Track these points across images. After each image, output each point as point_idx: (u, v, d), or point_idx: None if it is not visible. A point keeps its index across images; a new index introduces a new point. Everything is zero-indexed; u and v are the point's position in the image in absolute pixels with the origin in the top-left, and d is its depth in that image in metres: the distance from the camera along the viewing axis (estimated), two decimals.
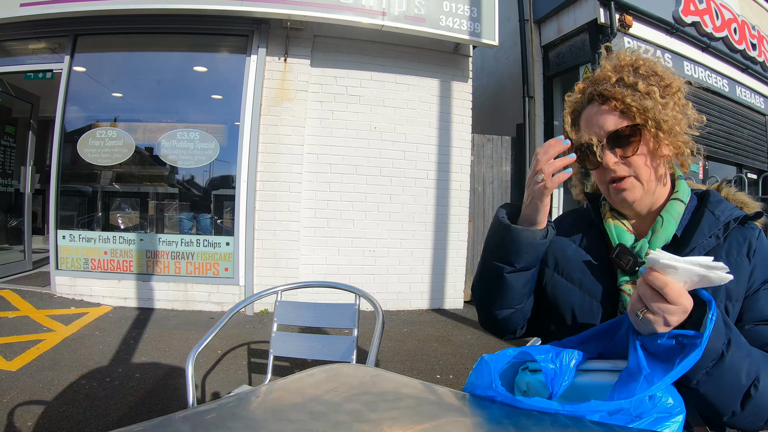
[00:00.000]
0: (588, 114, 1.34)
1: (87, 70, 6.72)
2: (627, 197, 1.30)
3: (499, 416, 0.97)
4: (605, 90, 1.28)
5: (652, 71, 1.29)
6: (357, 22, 6.27)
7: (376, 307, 2.59)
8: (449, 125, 7.19)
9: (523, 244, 1.30)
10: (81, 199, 6.80)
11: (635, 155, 1.27)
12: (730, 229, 1.26)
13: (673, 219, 1.30)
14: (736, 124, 9.39)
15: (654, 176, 1.30)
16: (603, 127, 1.28)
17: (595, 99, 1.32)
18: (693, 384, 1.04)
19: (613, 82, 1.28)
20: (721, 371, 1.02)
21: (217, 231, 6.72)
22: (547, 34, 8.38)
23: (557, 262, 1.47)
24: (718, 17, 8.59)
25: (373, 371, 1.24)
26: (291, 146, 6.61)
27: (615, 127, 1.27)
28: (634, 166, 1.28)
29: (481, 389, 1.08)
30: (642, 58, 1.32)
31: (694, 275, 0.96)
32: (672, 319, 0.98)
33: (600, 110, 1.30)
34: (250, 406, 0.99)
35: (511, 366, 1.19)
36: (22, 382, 3.99)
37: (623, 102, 1.25)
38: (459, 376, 4.65)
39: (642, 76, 1.28)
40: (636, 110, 1.24)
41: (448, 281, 7.26)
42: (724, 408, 1.06)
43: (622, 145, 1.27)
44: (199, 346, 2.41)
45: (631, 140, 1.26)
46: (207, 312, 6.32)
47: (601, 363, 1.11)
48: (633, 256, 1.30)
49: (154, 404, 3.79)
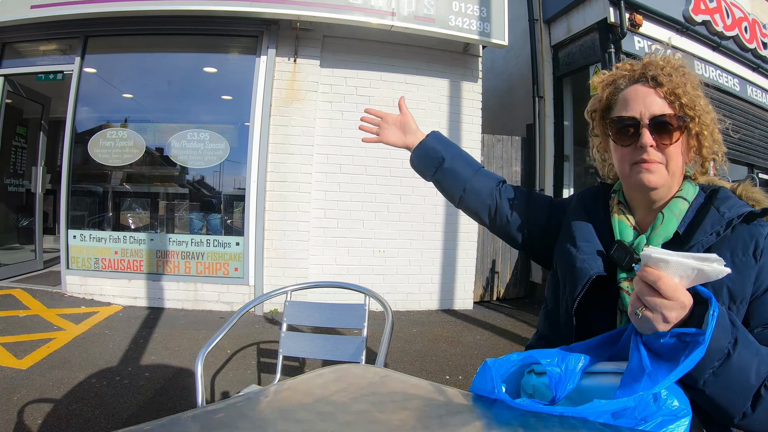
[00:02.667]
0: (634, 91, 1.33)
1: (97, 71, 6.77)
2: (650, 180, 1.28)
3: (507, 417, 0.97)
4: (659, 75, 1.28)
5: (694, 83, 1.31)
6: (366, 22, 6.27)
7: (386, 308, 2.58)
8: (459, 125, 7.17)
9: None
10: (92, 199, 6.85)
11: (672, 145, 1.27)
12: (734, 225, 1.23)
13: (674, 216, 1.29)
14: (747, 124, 9.30)
15: (679, 171, 1.30)
16: (649, 108, 1.27)
17: (647, 79, 1.31)
18: (700, 384, 1.01)
19: (667, 71, 1.28)
20: (728, 371, 1.00)
21: (227, 231, 6.74)
22: (557, 33, 8.35)
23: (569, 230, 1.50)
24: (728, 16, 8.52)
25: (381, 372, 1.23)
26: (301, 146, 6.62)
27: (661, 111, 1.27)
28: (668, 155, 1.27)
29: (483, 393, 1.07)
30: (687, 66, 1.34)
31: (688, 269, 0.96)
32: (670, 315, 0.97)
33: (649, 92, 1.29)
34: (258, 406, 0.99)
35: (518, 368, 1.18)
36: (32, 381, 4.01)
37: (674, 92, 1.26)
38: (468, 377, 4.64)
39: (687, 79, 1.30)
40: (686, 103, 1.26)
41: (458, 282, 7.24)
42: (734, 409, 1.04)
43: (663, 131, 1.27)
44: (209, 345, 2.41)
45: (673, 130, 1.26)
46: (217, 312, 6.35)
47: (608, 365, 1.09)
48: (629, 252, 1.29)
49: (163, 403, 3.80)
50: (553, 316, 1.50)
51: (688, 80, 1.28)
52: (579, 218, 1.49)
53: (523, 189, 1.75)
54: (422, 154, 1.79)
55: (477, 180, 1.72)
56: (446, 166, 1.73)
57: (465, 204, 1.75)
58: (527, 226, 1.67)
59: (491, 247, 7.85)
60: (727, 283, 1.14)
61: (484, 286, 7.82)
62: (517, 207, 1.68)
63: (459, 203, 1.77)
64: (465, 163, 1.75)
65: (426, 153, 1.79)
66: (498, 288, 7.95)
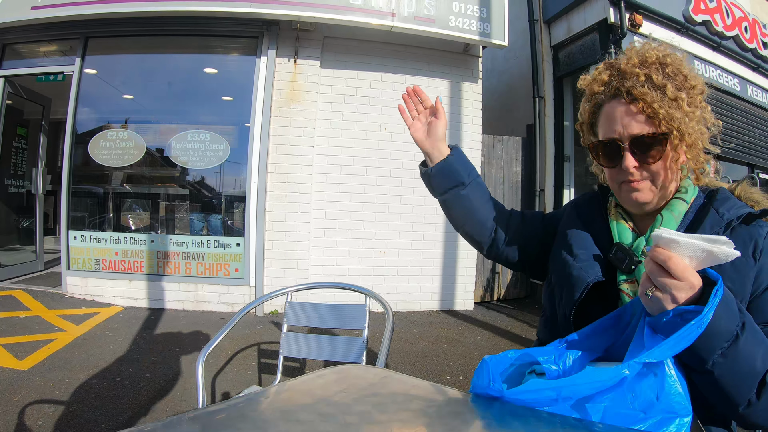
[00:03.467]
0: (611, 110, 1.30)
1: (98, 72, 6.78)
2: (639, 198, 1.29)
3: (508, 418, 0.97)
4: (634, 89, 1.24)
5: (679, 71, 1.27)
6: (366, 23, 6.28)
7: (386, 308, 2.58)
8: (459, 126, 7.18)
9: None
10: (92, 200, 6.85)
11: (655, 162, 1.25)
12: (734, 226, 1.23)
13: (673, 218, 1.29)
14: (747, 124, 9.31)
15: (669, 180, 1.29)
16: (627, 128, 1.26)
17: (622, 95, 1.27)
18: (708, 365, 1.01)
19: (642, 80, 1.24)
20: (736, 353, 1.00)
21: (228, 232, 6.75)
22: (557, 34, 8.35)
23: (564, 238, 1.49)
24: (728, 16, 8.52)
25: (382, 372, 1.23)
26: (301, 147, 6.62)
27: (640, 132, 1.24)
28: (652, 172, 1.26)
29: (480, 389, 1.07)
30: (669, 54, 1.29)
31: (698, 250, 0.96)
32: (679, 295, 0.98)
33: (626, 110, 1.26)
34: (259, 406, 0.99)
35: (518, 369, 1.18)
36: (32, 381, 4.01)
37: (651, 107, 1.22)
38: (469, 378, 4.62)
39: (669, 77, 1.25)
40: (663, 118, 1.21)
41: (459, 282, 7.24)
42: (740, 396, 1.04)
43: (644, 151, 1.25)
44: (210, 346, 2.41)
45: (653, 148, 1.24)
46: (217, 312, 6.35)
47: (607, 364, 1.10)
48: (629, 254, 1.29)
49: (164, 404, 3.80)
50: (552, 323, 1.50)
51: (670, 79, 1.25)
52: (574, 226, 1.49)
53: (516, 210, 1.75)
54: (443, 172, 1.66)
55: (485, 210, 1.70)
56: (463, 192, 1.66)
57: (466, 230, 1.74)
58: (524, 244, 1.66)
59: None
60: (727, 283, 1.14)
61: (484, 287, 7.82)
62: (513, 230, 1.68)
63: (460, 228, 1.76)
64: (480, 192, 1.70)
65: (447, 172, 1.66)
66: (498, 288, 7.95)
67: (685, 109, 1.23)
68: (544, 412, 0.96)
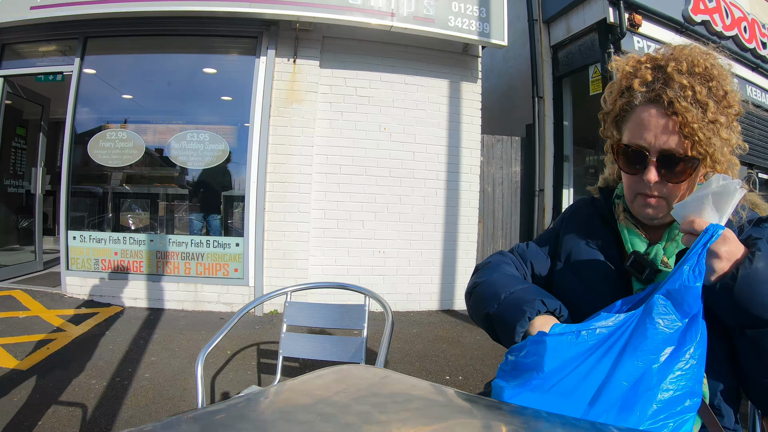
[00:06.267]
0: (646, 115, 1.22)
1: (97, 72, 6.78)
2: (651, 213, 1.27)
3: (509, 418, 0.97)
4: (677, 101, 1.15)
5: (721, 86, 1.19)
6: (366, 23, 6.27)
7: (386, 308, 2.57)
8: (459, 126, 7.17)
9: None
10: (92, 200, 6.85)
11: (678, 183, 1.22)
12: (745, 231, 1.22)
13: None
14: (746, 124, 9.27)
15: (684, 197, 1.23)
16: (658, 140, 1.19)
17: (662, 104, 1.18)
18: (728, 278, 1.03)
19: (688, 94, 1.16)
20: (756, 272, 1.01)
21: (227, 232, 6.75)
22: (557, 34, 8.36)
23: (569, 257, 1.45)
24: (728, 16, 8.54)
25: (382, 372, 1.23)
26: (301, 147, 6.62)
27: (672, 148, 1.18)
28: (671, 191, 1.23)
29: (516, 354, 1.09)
30: (716, 66, 1.21)
31: (704, 199, 1.06)
32: (720, 249, 1.03)
33: (663, 121, 1.18)
34: (259, 406, 0.99)
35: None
36: (32, 382, 4.01)
37: (690, 126, 1.14)
38: (468, 378, 4.64)
39: (712, 93, 1.18)
40: (699, 142, 1.15)
41: (458, 282, 7.23)
42: (762, 307, 1.02)
43: (670, 168, 1.20)
44: (209, 346, 2.41)
45: (681, 167, 1.20)
46: (217, 312, 6.35)
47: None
48: (648, 264, 1.26)
49: (163, 404, 3.80)
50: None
51: (712, 96, 1.17)
52: (575, 243, 1.45)
53: (523, 264, 1.58)
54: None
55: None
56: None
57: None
58: (547, 286, 1.50)
59: (491, 247, 7.86)
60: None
61: None
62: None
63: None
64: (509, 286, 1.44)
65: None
66: None
67: (722, 135, 1.18)
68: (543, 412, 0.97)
